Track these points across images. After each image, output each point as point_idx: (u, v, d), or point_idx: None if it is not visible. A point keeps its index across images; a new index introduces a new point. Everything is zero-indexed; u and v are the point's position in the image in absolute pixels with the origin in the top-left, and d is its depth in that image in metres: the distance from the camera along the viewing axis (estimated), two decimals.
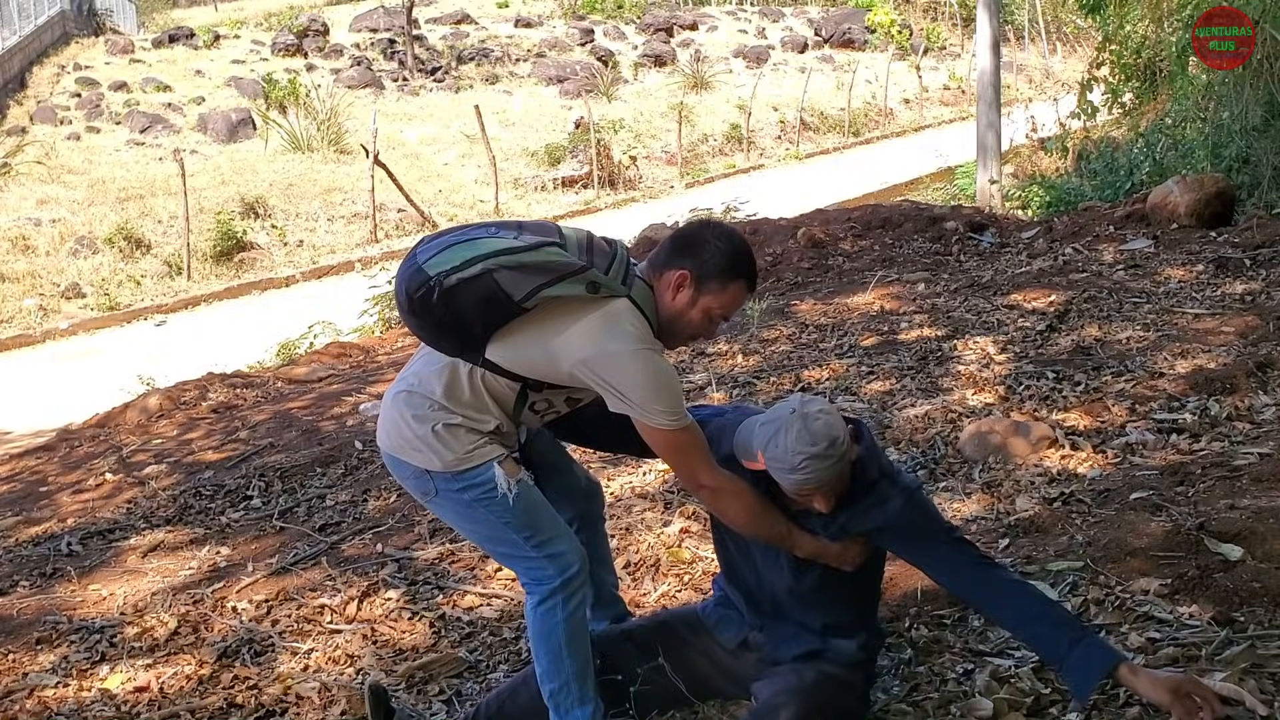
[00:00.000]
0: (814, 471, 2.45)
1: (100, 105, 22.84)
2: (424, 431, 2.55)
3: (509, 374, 2.52)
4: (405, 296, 2.47)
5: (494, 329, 2.48)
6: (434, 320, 2.48)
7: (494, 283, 2.41)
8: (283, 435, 6.37)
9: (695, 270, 2.51)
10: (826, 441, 2.44)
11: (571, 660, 2.63)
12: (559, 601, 2.60)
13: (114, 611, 4.09)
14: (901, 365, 5.68)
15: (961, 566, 2.57)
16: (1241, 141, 9.61)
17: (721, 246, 2.53)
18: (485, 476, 2.56)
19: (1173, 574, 3.07)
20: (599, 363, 2.43)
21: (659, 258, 2.57)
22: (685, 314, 2.54)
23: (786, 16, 38.03)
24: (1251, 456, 3.86)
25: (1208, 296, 6.20)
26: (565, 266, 2.44)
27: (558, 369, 2.48)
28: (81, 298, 14.43)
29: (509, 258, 2.42)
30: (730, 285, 2.54)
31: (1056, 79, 31.57)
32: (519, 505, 2.58)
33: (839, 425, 2.49)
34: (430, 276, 2.42)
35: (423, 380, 2.59)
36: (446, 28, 32.77)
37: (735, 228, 2.74)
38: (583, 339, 2.44)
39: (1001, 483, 4.09)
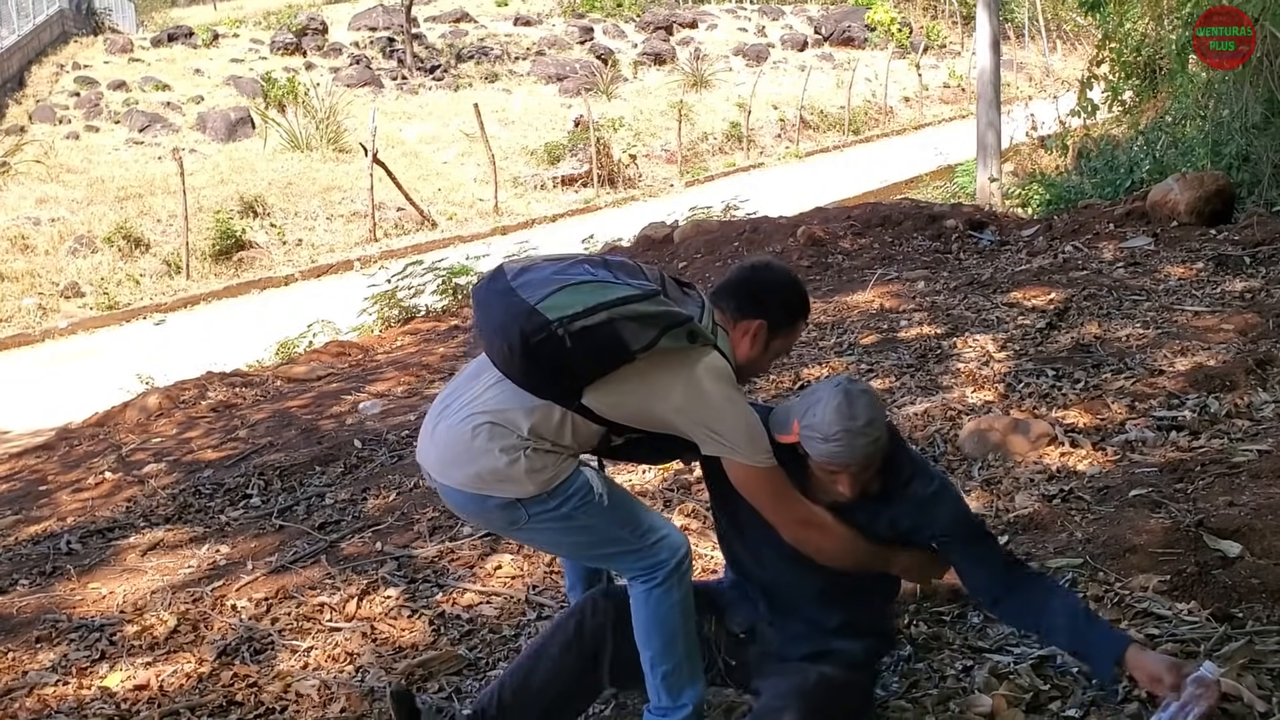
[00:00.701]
0: (845, 446, 2.46)
1: (99, 104, 22.84)
2: (515, 460, 2.49)
3: (598, 419, 2.52)
4: (519, 335, 2.40)
5: (600, 377, 2.47)
6: (549, 365, 2.44)
7: (616, 333, 2.41)
8: (282, 434, 6.37)
9: (770, 321, 2.64)
10: (866, 419, 2.47)
11: (684, 641, 2.63)
12: (674, 584, 2.59)
13: (114, 610, 4.09)
14: (901, 363, 5.68)
15: (996, 567, 2.59)
16: (1241, 139, 9.60)
17: (789, 296, 2.68)
18: (579, 484, 2.55)
19: (1172, 570, 3.07)
20: (700, 412, 2.49)
21: (730, 305, 2.65)
22: (760, 359, 2.69)
23: (786, 14, 38.03)
24: (1251, 453, 3.86)
25: (1207, 294, 6.20)
26: (676, 318, 2.47)
27: (652, 416, 2.51)
28: (80, 297, 14.43)
29: (630, 308, 2.42)
30: (797, 326, 2.72)
31: (1057, 77, 31.58)
32: (615, 501, 2.60)
33: (878, 408, 2.53)
34: (551, 320, 2.38)
35: (507, 417, 2.50)
36: (446, 26, 32.76)
37: (786, 266, 2.79)
38: (684, 390, 2.48)
39: (1001, 480, 4.09)
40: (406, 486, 5.04)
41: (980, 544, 2.59)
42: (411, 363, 7.93)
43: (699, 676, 2.67)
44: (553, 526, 2.57)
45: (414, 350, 8.64)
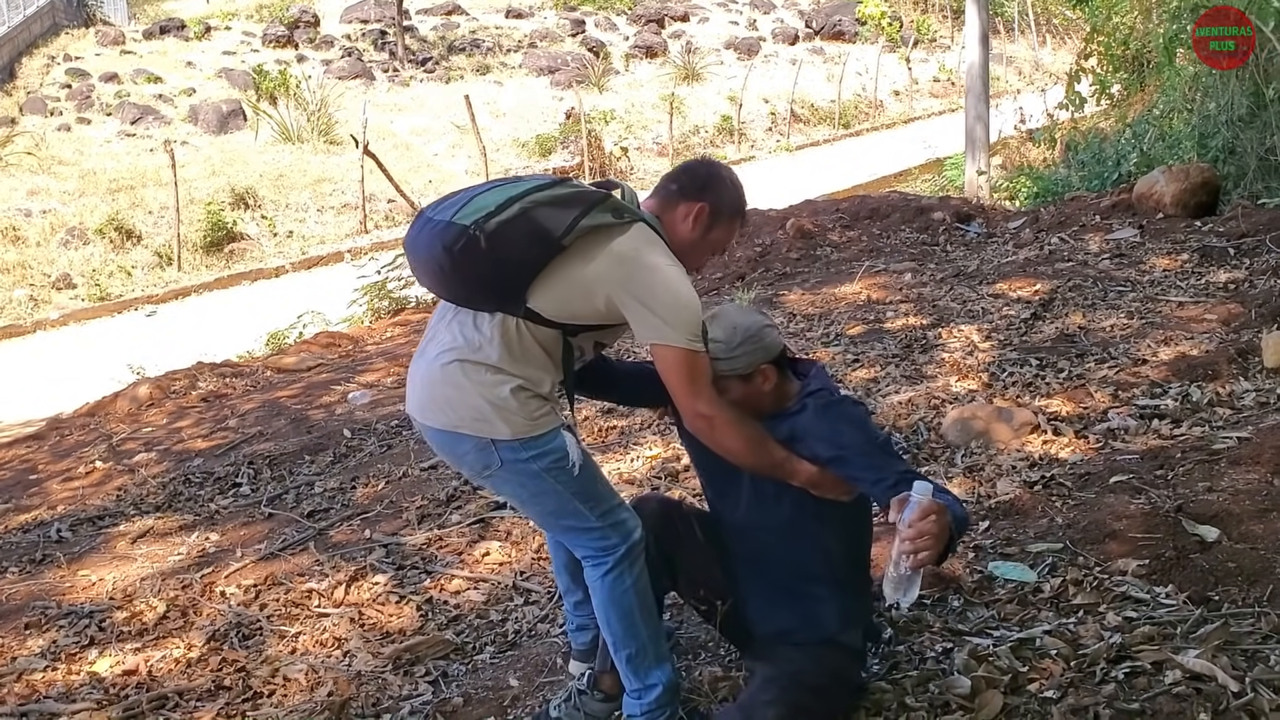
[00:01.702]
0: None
1: (91, 96, 22.76)
2: (490, 397, 2.50)
3: (549, 322, 2.51)
4: (443, 250, 2.44)
5: (536, 273, 2.46)
6: (477, 271, 2.45)
7: (535, 220, 2.43)
8: (272, 424, 6.39)
9: (713, 204, 2.64)
10: (723, 333, 2.60)
11: (645, 624, 2.64)
12: (626, 568, 2.61)
13: (103, 596, 4.11)
14: (887, 353, 5.72)
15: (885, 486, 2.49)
16: (1228, 132, 9.63)
17: (734, 185, 2.70)
18: (556, 444, 2.55)
19: (1150, 555, 3.11)
20: (632, 280, 2.46)
21: (672, 190, 2.66)
22: (697, 245, 2.65)
23: (777, 8, 37.99)
24: (1230, 440, 3.90)
25: (1192, 285, 6.24)
26: (592, 194, 2.50)
27: (594, 301, 2.48)
28: (72, 288, 14.42)
29: (542, 194, 2.46)
30: (735, 220, 2.71)
31: (1046, 70, 31.63)
32: (584, 475, 2.59)
33: (744, 331, 2.62)
34: (467, 226, 2.42)
35: (474, 346, 2.52)
36: (437, 18, 32.69)
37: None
38: (615, 261, 2.47)
39: (983, 467, 4.13)
40: (395, 475, 5.06)
41: (873, 460, 2.53)
42: (401, 353, 7.95)
43: (665, 657, 2.69)
44: (522, 481, 2.57)
45: (404, 341, 8.65)
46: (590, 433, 5.28)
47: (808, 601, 2.71)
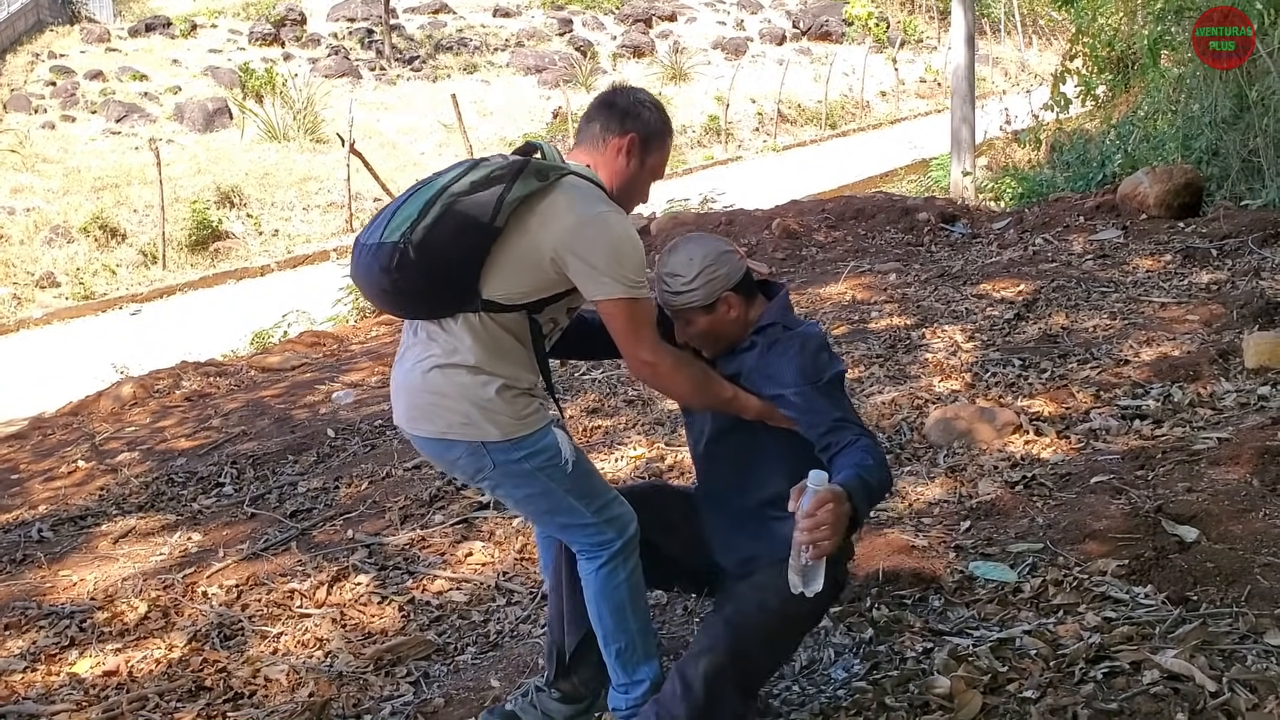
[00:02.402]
0: (662, 290, 2.57)
1: (75, 94, 22.67)
2: (475, 399, 2.47)
3: (511, 306, 2.47)
4: (381, 272, 2.43)
5: (480, 263, 2.42)
6: (421, 282, 2.43)
7: (460, 213, 2.40)
8: (255, 423, 6.37)
9: (642, 133, 2.56)
10: (673, 266, 2.54)
11: (635, 618, 2.63)
12: (620, 562, 2.60)
13: (84, 597, 4.10)
14: (871, 353, 5.73)
15: (822, 431, 2.45)
16: (1211, 134, 9.69)
17: (655, 107, 2.62)
18: (547, 442, 2.53)
19: (1130, 555, 3.12)
20: (570, 237, 2.40)
21: (595, 131, 2.59)
22: (637, 177, 2.59)
23: (765, 8, 38.03)
24: (1211, 441, 3.92)
25: (1174, 286, 6.27)
26: (509, 167, 2.44)
27: (544, 271, 2.44)
28: (56, 287, 14.37)
29: (459, 184, 2.42)
30: (667, 140, 2.63)
31: (1032, 71, 31.72)
32: (578, 471, 2.57)
33: (700, 260, 2.54)
34: (396, 241, 2.40)
35: (449, 350, 2.49)
36: (424, 17, 32.64)
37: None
38: (550, 223, 2.41)
39: (965, 467, 4.14)
40: (379, 475, 5.05)
41: (811, 404, 2.46)
42: (385, 352, 7.93)
43: (653, 653, 2.69)
44: (515, 482, 2.55)
45: (388, 340, 8.64)
46: (575, 432, 5.28)
47: (768, 523, 2.62)
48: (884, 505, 3.86)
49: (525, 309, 2.48)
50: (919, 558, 3.33)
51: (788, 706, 2.76)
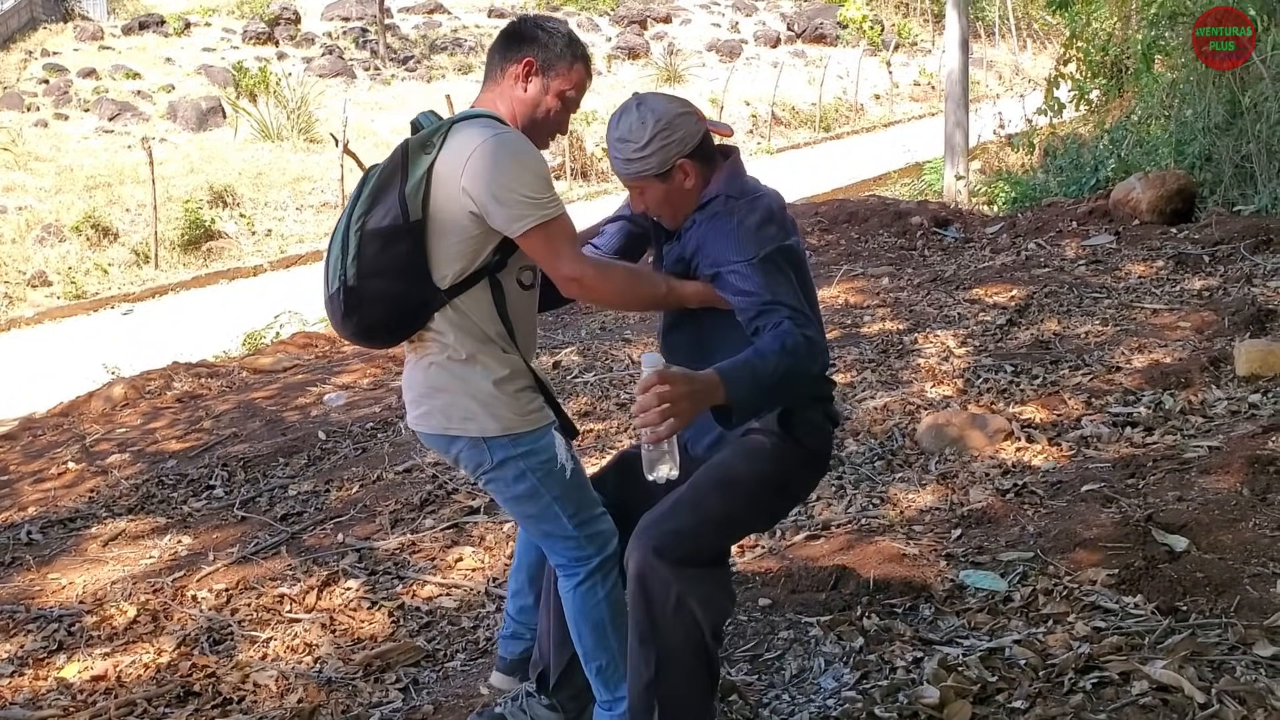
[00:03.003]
0: (613, 157, 2.45)
1: (68, 92, 22.62)
2: (476, 394, 2.47)
3: (467, 283, 2.45)
4: (344, 319, 2.48)
5: (422, 263, 2.41)
6: (379, 310, 2.45)
7: (375, 232, 2.40)
8: (246, 425, 6.35)
9: (539, 55, 2.49)
10: (625, 129, 2.41)
11: (616, 636, 2.60)
12: (599, 580, 2.58)
13: (73, 600, 4.08)
14: (863, 358, 5.73)
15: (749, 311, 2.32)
16: (1204, 139, 9.71)
17: (555, 28, 2.54)
18: (545, 443, 2.51)
19: (1120, 564, 3.12)
20: (467, 180, 2.34)
21: (495, 62, 2.53)
22: (541, 101, 2.50)
23: (760, 10, 38.05)
24: (1201, 449, 3.92)
25: (1166, 292, 6.29)
26: (394, 161, 2.44)
27: (466, 229, 2.39)
28: (48, 286, 14.32)
29: (359, 208, 2.43)
30: (575, 64, 2.53)
31: (1026, 75, 31.76)
32: (571, 480, 2.55)
33: (654, 123, 2.39)
34: (336, 290, 2.44)
35: (442, 347, 2.48)
36: (419, 17, 32.63)
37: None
38: (449, 179, 2.37)
39: (957, 474, 4.14)
40: (369, 478, 5.04)
41: (744, 280, 2.32)
42: (377, 355, 7.91)
43: None
44: (510, 479, 2.53)
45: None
46: None
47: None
48: (875, 513, 3.87)
49: (484, 277, 2.45)
50: (910, 566, 3.33)
51: (777, 716, 2.76)
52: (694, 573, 2.33)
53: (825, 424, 2.55)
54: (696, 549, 2.34)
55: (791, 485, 2.53)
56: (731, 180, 2.46)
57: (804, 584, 3.31)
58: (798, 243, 2.44)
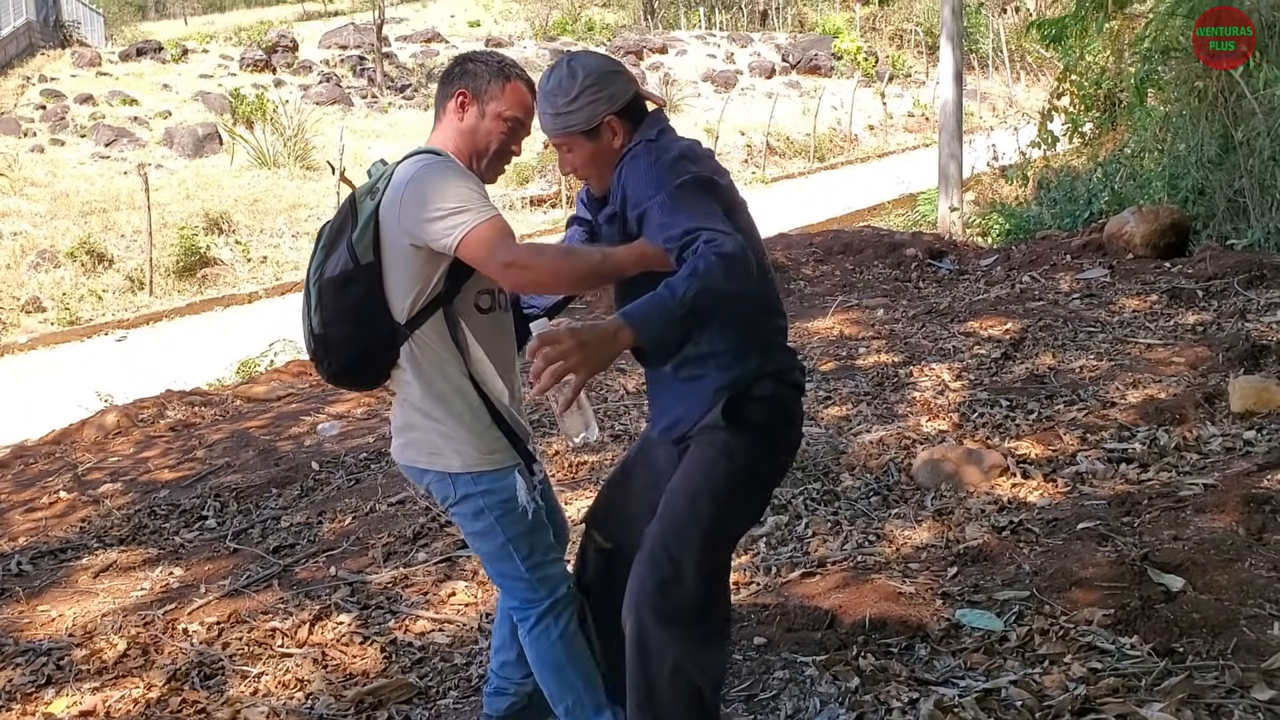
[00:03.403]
0: (541, 113, 2.45)
1: (65, 118, 22.67)
2: (440, 430, 2.54)
3: (421, 314, 2.50)
4: (322, 368, 2.61)
5: (380, 303, 2.48)
6: (349, 352, 2.55)
7: (331, 281, 2.49)
8: (240, 455, 6.33)
9: (470, 84, 2.56)
10: (549, 84, 2.42)
11: (576, 675, 2.63)
12: (550, 622, 2.61)
13: (62, 633, 4.05)
14: (859, 391, 5.73)
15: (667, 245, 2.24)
16: (1198, 173, 9.75)
17: (486, 59, 2.60)
18: (505, 484, 2.55)
19: (1116, 604, 3.11)
20: (403, 209, 2.41)
21: (438, 101, 2.61)
22: (478, 127, 2.55)
23: (755, 42, 38.30)
24: (1196, 487, 3.92)
25: (1161, 326, 6.29)
26: (342, 211, 2.53)
27: (410, 258, 2.45)
28: (41, 312, 14.29)
29: (316, 260, 2.54)
30: (508, 85, 2.56)
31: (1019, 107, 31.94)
32: (530, 522, 2.57)
33: (582, 78, 2.40)
34: (308, 339, 2.58)
35: (408, 384, 2.56)
36: (417, 46, 32.81)
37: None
38: (390, 215, 2.44)
39: (953, 510, 4.13)
40: (363, 510, 5.02)
41: (664, 215, 2.23)
42: None
43: (604, 705, 2.67)
44: (470, 515, 2.58)
45: None
46: (560, 468, 5.26)
47: (686, 382, 2.45)
48: (871, 550, 3.85)
49: (438, 307, 2.50)
50: (906, 605, 3.32)
51: None
52: (689, 635, 2.32)
53: (778, 398, 2.45)
54: (685, 593, 2.32)
55: (761, 476, 2.46)
56: (649, 128, 2.44)
57: (799, 622, 3.29)
58: (722, 179, 2.37)
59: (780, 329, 2.51)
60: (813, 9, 44.42)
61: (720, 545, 2.44)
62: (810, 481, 4.57)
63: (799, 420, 2.54)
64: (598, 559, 2.68)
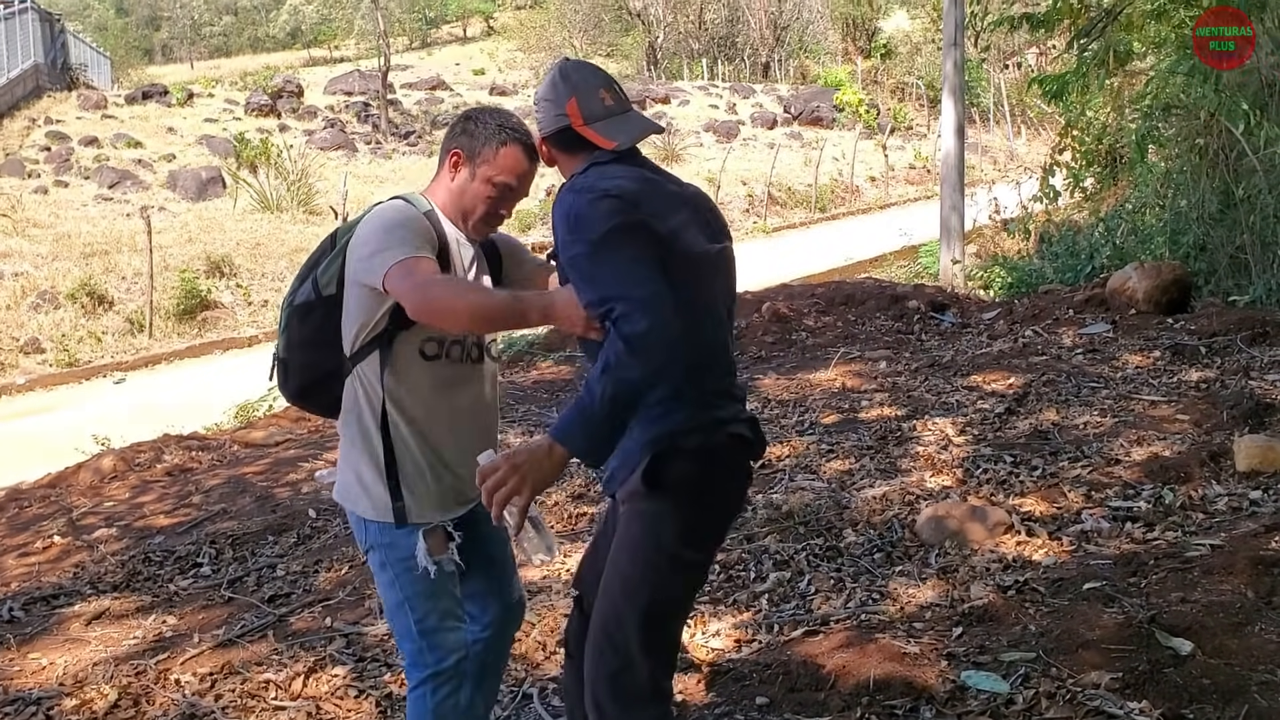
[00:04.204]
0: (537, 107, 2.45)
1: (70, 159, 22.78)
2: (355, 471, 2.61)
3: (363, 350, 2.56)
4: (280, 385, 2.74)
5: (333, 333, 2.58)
6: (298, 375, 2.67)
7: (294, 310, 2.62)
8: (236, 501, 6.28)
9: (465, 145, 2.61)
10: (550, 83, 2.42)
11: None
12: (428, 690, 2.62)
13: (53, 682, 3.99)
14: (861, 444, 5.70)
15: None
16: (1199, 229, 9.79)
17: (487, 120, 2.63)
18: (407, 542, 2.56)
19: (1124, 668, 3.06)
20: (354, 243, 2.51)
21: (440, 158, 2.68)
22: (466, 188, 2.60)
23: (757, 93, 38.62)
24: (1203, 548, 3.87)
25: (1164, 383, 6.27)
26: (322, 245, 2.67)
27: (357, 293, 2.52)
28: (40, 353, 14.26)
29: (290, 289, 2.67)
30: (502, 150, 2.58)
31: (1020, 162, 32.14)
32: (431, 585, 2.57)
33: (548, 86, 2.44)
34: (272, 362, 2.71)
35: (344, 419, 2.64)
36: (421, 93, 33.08)
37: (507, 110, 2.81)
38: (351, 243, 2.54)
39: (957, 568, 4.09)
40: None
41: (577, 270, 2.17)
42: None
43: None
44: (377, 566, 2.64)
45: None
46: (560, 518, 5.22)
47: (622, 439, 2.22)
48: (875, 609, 3.80)
49: (378, 345, 2.55)
50: (910, 665, 3.26)
51: None
52: (651, 714, 2.32)
53: (711, 451, 2.30)
54: (637, 678, 2.30)
55: (694, 541, 2.33)
56: (587, 167, 2.34)
57: (802, 682, 3.24)
58: (662, 224, 2.24)
59: (725, 380, 2.39)
60: (814, 61, 44.84)
61: (664, 620, 2.36)
62: (813, 537, 4.53)
63: (741, 472, 2.41)
64: (577, 621, 2.61)
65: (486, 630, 2.81)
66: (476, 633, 2.79)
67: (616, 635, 2.30)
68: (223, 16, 71.69)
